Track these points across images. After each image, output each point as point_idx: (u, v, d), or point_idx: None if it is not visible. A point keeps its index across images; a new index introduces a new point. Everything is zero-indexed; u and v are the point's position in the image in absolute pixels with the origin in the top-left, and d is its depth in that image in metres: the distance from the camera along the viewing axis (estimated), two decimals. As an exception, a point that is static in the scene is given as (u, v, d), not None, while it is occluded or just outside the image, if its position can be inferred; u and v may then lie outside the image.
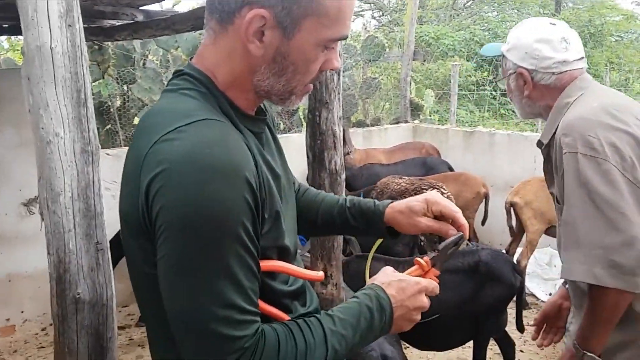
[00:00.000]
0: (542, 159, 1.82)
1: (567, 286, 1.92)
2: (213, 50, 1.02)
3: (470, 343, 3.30)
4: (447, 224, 1.25)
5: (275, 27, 0.95)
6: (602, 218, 1.48)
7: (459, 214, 1.24)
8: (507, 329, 3.36)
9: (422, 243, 4.27)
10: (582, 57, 1.75)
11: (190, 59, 1.08)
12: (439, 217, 1.27)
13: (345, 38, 1.02)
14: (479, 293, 3.06)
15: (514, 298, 3.27)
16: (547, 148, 1.75)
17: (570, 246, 1.55)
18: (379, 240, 1.39)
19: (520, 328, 3.39)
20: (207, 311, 0.87)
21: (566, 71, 1.71)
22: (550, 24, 1.76)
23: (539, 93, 1.75)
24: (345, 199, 1.39)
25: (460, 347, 3.53)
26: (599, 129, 1.54)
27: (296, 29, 0.96)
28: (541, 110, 1.78)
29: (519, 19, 15.87)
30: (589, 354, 1.57)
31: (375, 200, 1.36)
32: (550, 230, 4.76)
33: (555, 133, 1.65)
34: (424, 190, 4.26)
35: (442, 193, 4.36)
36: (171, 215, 0.86)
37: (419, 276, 1.16)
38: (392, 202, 1.34)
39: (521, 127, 10.37)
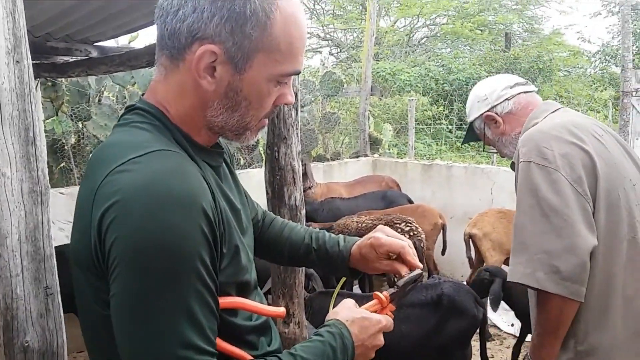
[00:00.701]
0: (499, 189, 1.89)
1: None
2: (164, 86, 1.00)
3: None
4: (399, 263, 1.25)
5: (227, 62, 0.94)
6: (547, 223, 1.53)
7: (404, 248, 1.23)
8: (471, 361, 3.35)
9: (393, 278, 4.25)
10: (526, 82, 1.94)
11: (142, 95, 1.06)
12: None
13: (297, 73, 1.03)
14: (443, 326, 3.05)
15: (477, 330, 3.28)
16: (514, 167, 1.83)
17: (516, 249, 1.59)
18: (344, 279, 1.38)
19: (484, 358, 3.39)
20: (165, 352, 0.83)
21: (518, 93, 1.88)
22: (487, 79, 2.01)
23: (509, 124, 1.88)
24: (312, 237, 1.37)
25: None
26: (554, 142, 1.61)
27: (248, 64, 0.95)
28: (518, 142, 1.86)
29: (471, 55, 16.51)
30: None
31: (341, 240, 1.34)
32: (508, 261, 4.82)
33: None
34: (387, 226, 4.25)
35: (406, 226, 4.37)
36: (125, 247, 0.83)
37: (376, 311, 1.15)
38: (356, 241, 1.32)
39: (477, 159, 10.63)
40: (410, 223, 4.44)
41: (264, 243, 1.38)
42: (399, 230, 4.21)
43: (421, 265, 1.25)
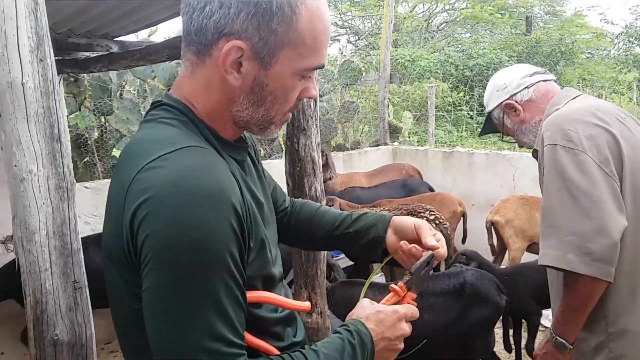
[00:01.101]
0: (521, 175, 1.88)
1: None
2: (190, 81, 1.01)
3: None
4: (414, 247, 1.24)
5: (253, 57, 0.95)
6: (576, 206, 1.53)
7: (422, 229, 1.23)
8: (495, 349, 3.34)
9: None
10: (545, 71, 1.95)
11: (168, 90, 1.07)
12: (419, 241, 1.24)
13: (322, 67, 1.03)
14: (466, 314, 3.05)
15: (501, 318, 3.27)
16: (537, 154, 1.81)
17: (545, 233, 1.60)
18: (375, 270, 1.38)
19: (508, 348, 3.38)
20: (194, 344, 0.85)
21: (538, 81, 1.89)
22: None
23: (529, 112, 1.88)
24: (350, 216, 1.36)
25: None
26: (579, 124, 1.61)
27: (273, 59, 0.96)
28: (539, 128, 1.85)
29: (491, 40, 16.27)
30: (559, 339, 1.63)
31: (379, 225, 1.31)
32: (532, 248, 4.79)
33: None
34: (411, 215, 4.25)
35: (430, 215, 4.35)
36: (158, 243, 0.84)
37: (396, 302, 1.14)
38: (392, 219, 1.31)
39: (499, 145, 10.51)
40: (434, 212, 4.43)
41: (295, 227, 1.39)
42: (424, 219, 4.20)
43: (437, 245, 1.20)
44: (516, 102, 1.89)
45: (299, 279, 2.42)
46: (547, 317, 4.71)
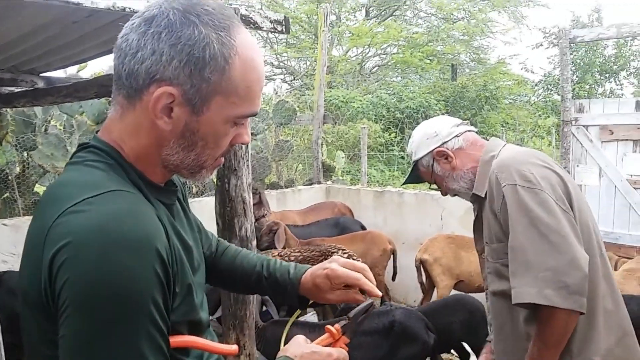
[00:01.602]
0: (448, 215, 1.95)
1: (490, 340, 2.02)
2: (120, 125, 1.00)
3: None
4: (354, 291, 1.27)
5: (184, 104, 0.95)
6: (546, 242, 1.57)
7: (361, 280, 1.25)
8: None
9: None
10: (467, 122, 2.05)
11: (97, 132, 1.06)
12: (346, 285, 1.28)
13: (254, 114, 1.04)
14: (395, 352, 3.09)
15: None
16: (479, 201, 1.88)
17: (517, 271, 1.62)
18: (299, 311, 1.39)
19: None
20: None
21: (465, 131, 1.96)
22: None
23: (460, 159, 1.93)
24: (263, 265, 1.37)
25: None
26: (530, 166, 1.69)
27: (205, 106, 0.96)
28: (471, 176, 1.92)
29: (420, 84, 16.94)
30: None
31: (291, 269, 1.35)
32: (458, 285, 4.94)
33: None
34: (324, 256, 4.28)
35: (343, 254, 4.40)
36: (76, 289, 0.82)
37: (329, 344, 1.16)
38: (307, 269, 1.33)
39: (428, 185, 10.84)
40: (346, 251, 4.48)
41: (218, 270, 1.39)
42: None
43: (380, 293, 1.25)
44: (447, 149, 1.94)
45: (228, 320, 2.39)
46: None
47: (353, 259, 4.29)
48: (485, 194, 1.82)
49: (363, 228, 5.93)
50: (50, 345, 0.87)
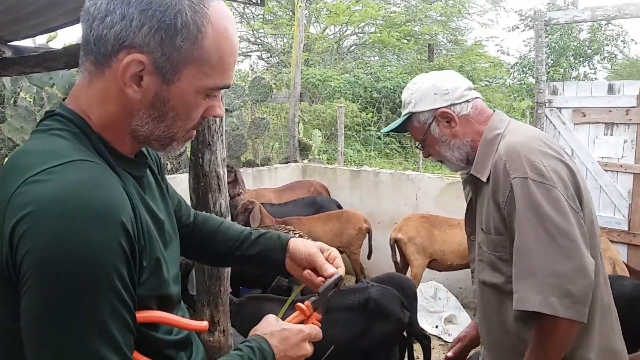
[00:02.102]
0: (423, 195, 1.89)
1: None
2: (87, 92, 0.97)
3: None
4: (313, 275, 1.27)
5: (154, 72, 0.92)
6: (553, 245, 1.45)
7: (312, 256, 1.26)
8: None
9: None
10: (476, 87, 1.82)
11: (64, 100, 1.02)
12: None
13: (227, 87, 1.01)
14: (369, 329, 3.11)
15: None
16: (475, 182, 1.73)
17: (521, 274, 1.50)
18: (299, 288, 1.39)
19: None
20: None
21: (475, 98, 1.75)
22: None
23: (463, 127, 1.73)
24: (250, 231, 1.36)
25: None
26: (542, 156, 1.54)
27: (176, 75, 0.94)
28: (468, 149, 1.75)
29: (397, 64, 16.95)
30: None
31: (277, 249, 1.33)
32: (431, 264, 5.00)
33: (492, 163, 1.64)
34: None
35: (295, 233, 4.43)
36: (37, 260, 0.79)
37: (301, 321, 1.16)
38: (289, 242, 1.32)
39: (404, 165, 10.92)
40: (296, 232, 4.51)
41: (198, 240, 1.37)
42: None
43: (335, 269, 1.23)
44: (453, 112, 1.73)
45: (202, 296, 2.37)
46: (446, 332, 4.92)
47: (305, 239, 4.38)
48: (487, 179, 1.65)
49: (339, 207, 5.95)
50: (14, 318, 0.84)
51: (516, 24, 18.90)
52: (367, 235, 5.35)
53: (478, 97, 1.77)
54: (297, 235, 4.26)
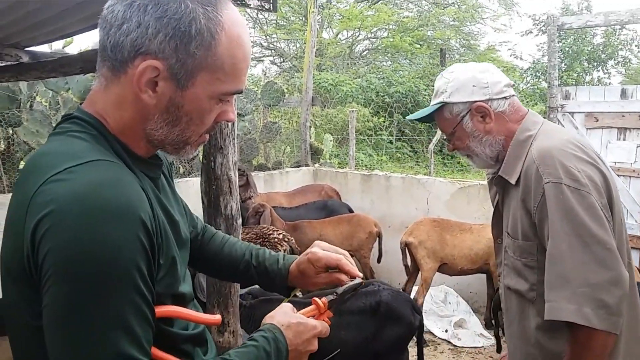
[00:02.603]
0: (434, 199, 1.84)
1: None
2: (104, 97, 1.00)
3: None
4: (338, 273, 1.29)
5: (169, 78, 0.95)
6: (588, 254, 1.41)
7: (342, 261, 1.28)
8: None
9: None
10: (514, 84, 1.74)
11: (81, 104, 1.05)
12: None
13: (240, 92, 1.04)
14: (380, 332, 3.13)
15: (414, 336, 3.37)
16: (503, 184, 1.68)
17: (555, 283, 1.45)
18: (295, 290, 1.40)
19: None
20: None
21: (512, 95, 1.70)
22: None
23: (498, 124, 1.68)
24: (252, 254, 1.39)
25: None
26: (577, 162, 1.49)
27: (190, 81, 0.96)
28: (500, 147, 1.70)
29: (410, 69, 16.91)
30: None
31: (280, 258, 1.37)
32: (442, 268, 4.99)
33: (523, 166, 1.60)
34: (260, 239, 4.31)
35: (280, 233, 4.44)
36: (60, 258, 0.82)
37: (314, 316, 1.18)
38: (295, 259, 1.35)
39: (416, 170, 10.90)
40: (281, 232, 4.52)
41: (204, 257, 1.39)
42: (275, 239, 4.31)
43: (361, 275, 1.29)
44: (490, 108, 1.67)
45: (212, 297, 2.40)
46: (456, 336, 4.90)
47: (287, 239, 4.37)
48: (517, 182, 1.61)
49: (350, 211, 5.96)
50: (35, 316, 0.87)
51: (529, 28, 18.80)
52: (378, 239, 5.37)
53: (514, 96, 1.72)
54: (281, 235, 4.27)
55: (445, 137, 1.79)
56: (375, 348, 3.11)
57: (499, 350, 3.96)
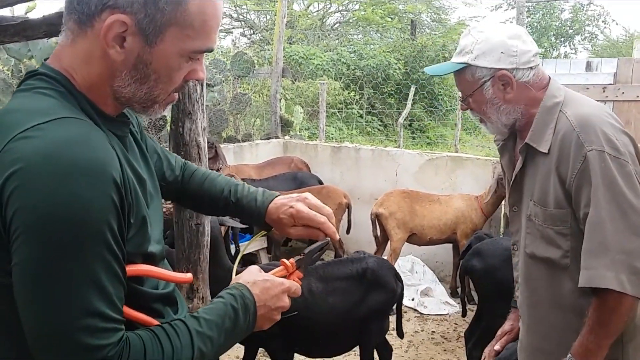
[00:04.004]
0: (403, 171, 1.80)
1: (515, 307, 1.89)
2: (70, 52, 0.98)
3: (352, 352, 3.43)
4: (316, 230, 1.29)
5: (137, 33, 0.94)
6: (625, 221, 1.42)
7: (325, 224, 1.28)
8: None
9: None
10: (540, 52, 1.69)
11: (45, 60, 1.02)
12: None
13: (210, 50, 1.03)
14: (366, 298, 3.22)
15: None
16: (531, 152, 1.66)
17: (595, 250, 1.46)
18: (260, 233, 1.42)
19: (400, 334, 3.58)
20: (68, 320, 0.83)
21: (538, 65, 1.65)
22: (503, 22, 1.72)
23: (519, 93, 1.63)
24: (230, 190, 1.38)
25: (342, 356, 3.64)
26: (614, 130, 1.49)
27: (159, 37, 0.95)
28: (518, 115, 1.67)
29: (381, 42, 16.87)
30: None
31: (258, 196, 1.36)
32: (412, 239, 5.08)
33: (554, 133, 1.58)
34: None
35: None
36: (29, 216, 0.81)
37: (284, 276, 1.20)
38: (274, 197, 1.35)
39: (386, 144, 10.97)
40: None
41: (187, 195, 1.41)
42: None
43: (338, 237, 1.30)
44: (514, 77, 1.61)
45: (182, 264, 2.40)
46: (422, 304, 5.02)
47: None
48: (549, 150, 1.58)
49: (320, 183, 5.99)
50: (5, 274, 0.87)
51: (499, 3, 18.92)
52: (347, 210, 5.42)
53: (539, 64, 1.67)
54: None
55: (461, 97, 1.75)
56: (361, 313, 3.20)
57: (464, 315, 4.09)
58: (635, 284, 1.40)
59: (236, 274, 1.21)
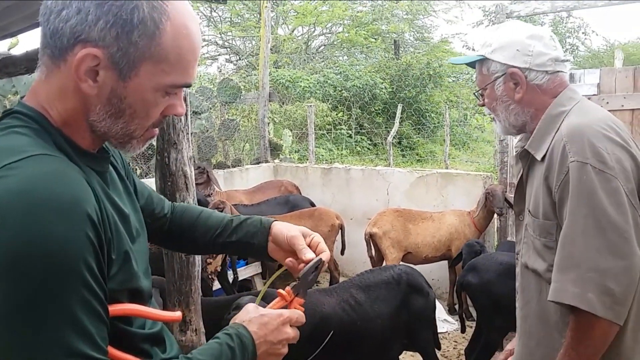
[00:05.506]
0: (394, 189, 1.78)
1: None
2: (45, 87, 0.96)
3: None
4: (295, 258, 1.26)
5: (110, 67, 0.92)
6: (602, 239, 1.35)
7: (294, 239, 1.25)
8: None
9: None
10: (568, 60, 1.65)
11: (21, 98, 1.01)
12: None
13: (188, 86, 1.01)
14: (407, 302, 3.27)
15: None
16: (529, 159, 1.63)
17: (563, 264, 1.41)
18: (276, 273, 1.38)
19: (437, 345, 3.55)
20: None
21: (557, 72, 1.61)
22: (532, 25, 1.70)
23: (530, 96, 1.60)
24: (232, 219, 1.36)
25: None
26: (607, 143, 1.42)
27: (133, 71, 0.93)
28: (527, 119, 1.64)
29: (366, 63, 17.03)
30: None
31: (262, 219, 1.34)
32: (407, 258, 5.05)
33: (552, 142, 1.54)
34: None
35: None
36: (2, 256, 0.78)
37: (283, 307, 1.16)
38: (272, 226, 1.33)
39: (375, 162, 11.00)
40: None
41: (177, 231, 1.37)
42: None
43: (313, 255, 1.22)
44: (524, 77, 1.59)
45: (173, 296, 2.36)
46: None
47: None
48: (543, 158, 1.55)
49: (312, 205, 5.96)
50: None
51: (480, 19, 19.20)
52: (340, 231, 5.39)
53: (562, 72, 1.62)
54: None
55: (476, 91, 1.76)
56: (405, 319, 3.24)
57: (463, 331, 4.05)
58: (607, 306, 1.33)
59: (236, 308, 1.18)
